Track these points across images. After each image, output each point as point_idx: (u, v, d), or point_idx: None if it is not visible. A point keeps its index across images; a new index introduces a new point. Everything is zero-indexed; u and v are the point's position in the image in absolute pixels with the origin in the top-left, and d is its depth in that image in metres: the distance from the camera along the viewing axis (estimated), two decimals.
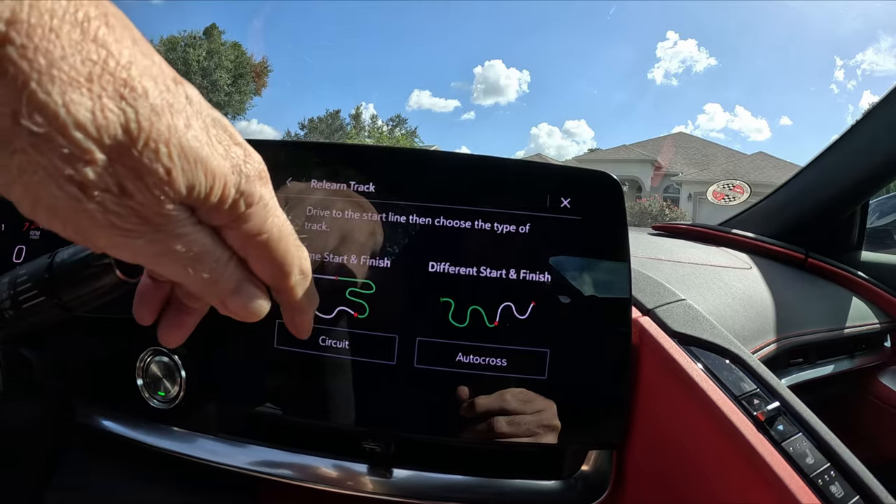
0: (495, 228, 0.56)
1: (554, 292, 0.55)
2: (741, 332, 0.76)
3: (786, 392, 0.55)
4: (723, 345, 0.58)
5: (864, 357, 1.13)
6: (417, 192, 0.57)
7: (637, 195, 24.86)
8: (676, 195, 23.80)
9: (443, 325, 0.56)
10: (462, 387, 0.55)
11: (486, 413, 0.55)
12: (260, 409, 0.60)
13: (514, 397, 0.55)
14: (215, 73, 28.20)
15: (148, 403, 0.65)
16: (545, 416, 0.55)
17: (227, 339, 0.61)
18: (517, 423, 0.55)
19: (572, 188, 0.56)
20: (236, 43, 29.83)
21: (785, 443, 0.50)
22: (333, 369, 0.58)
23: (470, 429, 0.56)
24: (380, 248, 0.57)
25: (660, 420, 0.56)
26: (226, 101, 28.96)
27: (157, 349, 0.65)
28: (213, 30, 28.79)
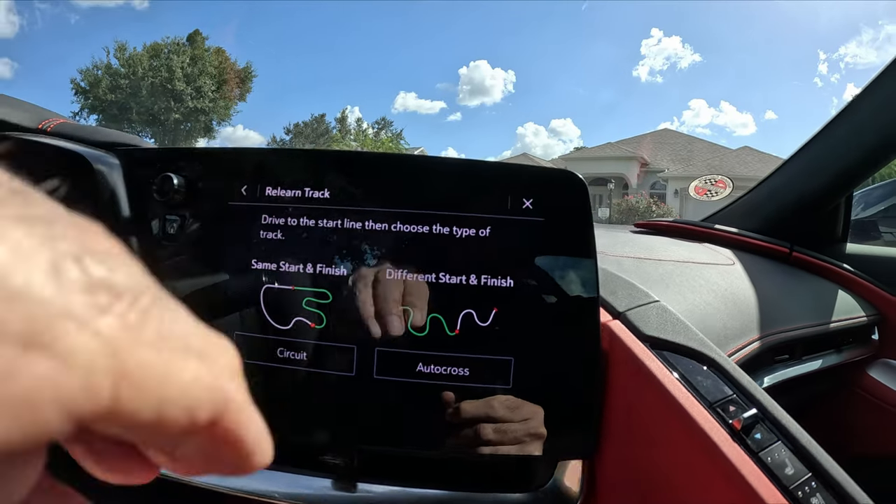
0: (454, 233, 0.53)
1: (517, 298, 0.53)
2: (723, 331, 0.74)
3: (764, 397, 0.53)
4: (697, 348, 0.56)
5: (852, 351, 1.11)
6: (373, 198, 0.55)
7: (624, 192, 24.97)
8: (663, 191, 23.91)
9: (402, 335, 0.53)
10: (447, 392, 0.53)
11: (472, 419, 0.53)
12: None
13: (501, 404, 0.53)
14: (199, 79, 28.10)
15: None
16: (532, 424, 0.53)
17: None
18: (504, 430, 0.53)
19: (535, 188, 0.53)
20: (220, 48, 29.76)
21: (762, 452, 0.47)
22: (292, 381, 0.56)
23: (431, 440, 0.54)
24: (336, 255, 0.55)
25: (632, 429, 0.54)
26: (210, 107, 28.88)
27: None
28: (196, 36, 28.71)
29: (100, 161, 0.62)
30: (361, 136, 30.54)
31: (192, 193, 0.59)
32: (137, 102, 27.21)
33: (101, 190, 0.61)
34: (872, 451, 1.13)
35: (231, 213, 0.58)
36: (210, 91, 28.62)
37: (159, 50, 27.88)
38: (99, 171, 0.61)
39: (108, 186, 0.61)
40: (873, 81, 1.07)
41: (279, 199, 0.56)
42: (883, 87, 1.06)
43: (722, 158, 23.41)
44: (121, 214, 0.61)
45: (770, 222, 1.24)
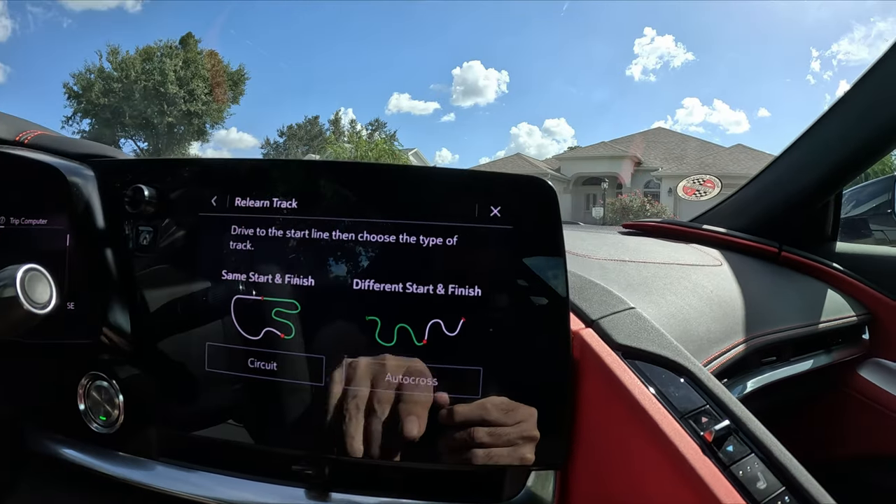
0: (421, 242, 0.53)
1: (485, 307, 0.52)
2: (706, 335, 0.72)
3: (738, 408, 0.52)
4: (671, 357, 0.55)
5: (842, 351, 1.10)
6: (340, 207, 0.55)
7: (618, 191, 25.03)
8: (657, 190, 23.98)
9: (370, 345, 0.53)
10: (441, 394, 0.52)
11: (466, 423, 0.52)
12: (195, 432, 0.60)
13: (495, 407, 0.52)
14: (192, 82, 28.06)
15: (90, 428, 0.67)
16: (526, 427, 0.52)
17: (161, 363, 0.60)
18: (498, 434, 0.52)
19: (502, 196, 0.52)
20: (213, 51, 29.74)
21: (734, 465, 0.46)
22: (263, 391, 0.56)
23: (400, 450, 0.53)
24: (304, 266, 0.55)
25: (604, 440, 0.52)
26: (204, 110, 28.85)
27: (95, 374, 0.66)
28: (188, 39, 28.68)
29: (74, 173, 0.63)
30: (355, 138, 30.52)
31: (164, 205, 0.60)
32: (130, 106, 27.17)
33: (75, 202, 0.61)
34: (864, 451, 1.13)
35: (202, 224, 0.58)
36: (203, 94, 28.58)
37: (152, 53, 27.84)
38: (73, 183, 0.62)
39: (83, 199, 0.62)
40: (862, 78, 1.06)
41: (248, 209, 0.56)
42: (872, 83, 1.06)
43: (715, 157, 23.49)
44: (96, 226, 0.62)
45: (759, 221, 1.23)
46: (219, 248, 0.57)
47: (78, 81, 27.29)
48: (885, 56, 1.01)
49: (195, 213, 0.58)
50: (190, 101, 28.22)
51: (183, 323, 0.59)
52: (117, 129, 27.54)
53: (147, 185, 0.59)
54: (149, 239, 0.60)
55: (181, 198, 0.59)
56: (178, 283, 0.59)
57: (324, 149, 28.80)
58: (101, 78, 27.29)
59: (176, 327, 0.59)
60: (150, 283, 0.60)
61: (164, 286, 0.60)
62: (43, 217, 0.63)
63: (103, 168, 0.65)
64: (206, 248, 0.58)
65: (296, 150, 35.81)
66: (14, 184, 0.64)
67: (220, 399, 0.58)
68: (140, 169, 0.63)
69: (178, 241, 0.59)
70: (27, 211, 0.63)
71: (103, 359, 0.65)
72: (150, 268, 0.60)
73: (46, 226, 0.63)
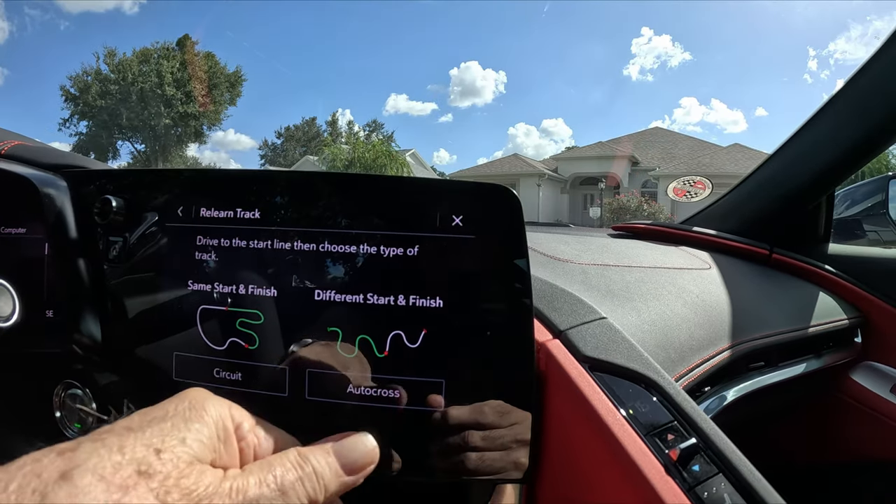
0: (381, 252, 0.51)
1: (447, 318, 0.50)
2: (688, 342, 0.71)
3: (707, 424, 0.49)
4: (639, 370, 0.53)
5: (834, 355, 1.08)
6: (301, 217, 0.54)
7: (615, 191, 25.05)
8: (654, 190, 24.00)
9: (332, 356, 0.51)
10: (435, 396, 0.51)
11: (460, 426, 0.50)
12: None
13: (491, 410, 0.50)
14: (189, 83, 28.06)
15: (66, 435, 0.68)
16: (519, 430, 0.50)
17: (132, 372, 0.60)
18: (492, 437, 0.50)
19: (464, 204, 0.51)
20: (210, 53, 29.76)
21: (699, 487, 0.44)
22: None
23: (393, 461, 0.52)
24: (267, 276, 0.54)
25: (570, 455, 0.51)
26: (201, 111, 28.84)
27: (69, 382, 0.67)
28: (185, 41, 28.70)
29: (47, 184, 0.63)
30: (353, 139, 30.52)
31: (132, 215, 0.59)
32: (127, 108, 27.23)
33: (46, 213, 0.62)
34: (857, 456, 1.11)
35: (169, 235, 0.58)
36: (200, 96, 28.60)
37: (149, 55, 27.90)
38: (46, 193, 0.62)
39: (55, 209, 0.62)
40: (853, 77, 1.06)
41: (213, 220, 0.56)
42: (863, 82, 1.05)
43: (712, 156, 23.54)
44: (69, 236, 0.62)
45: (750, 223, 1.22)
46: (185, 258, 0.56)
47: (75, 84, 27.38)
48: (877, 55, 1.00)
49: (162, 223, 0.58)
50: (187, 102, 28.28)
51: (152, 332, 0.58)
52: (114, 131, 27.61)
53: (115, 195, 0.59)
54: (118, 249, 0.60)
55: (149, 208, 0.59)
56: (147, 292, 0.59)
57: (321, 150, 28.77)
58: (98, 80, 27.36)
59: (145, 337, 0.59)
60: (120, 293, 0.60)
61: (133, 296, 0.60)
62: (22, 226, 0.64)
63: (75, 178, 0.65)
64: (173, 258, 0.57)
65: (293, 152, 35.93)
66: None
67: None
68: (109, 179, 0.63)
69: (146, 252, 0.59)
70: (6, 220, 0.64)
71: (76, 368, 0.66)
72: (121, 277, 0.60)
73: (25, 234, 0.63)
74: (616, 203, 21.07)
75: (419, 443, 0.51)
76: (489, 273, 0.51)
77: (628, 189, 24.53)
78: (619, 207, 20.21)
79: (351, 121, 37.72)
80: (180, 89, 27.99)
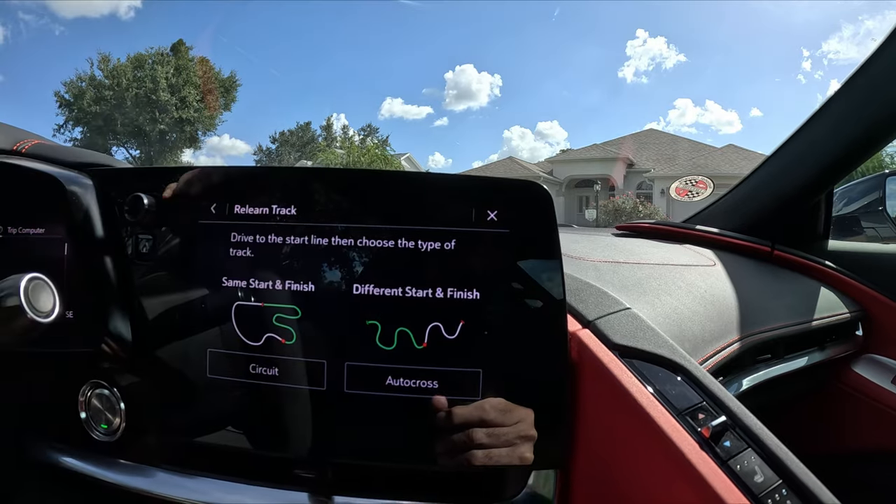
0: (419, 246, 0.54)
1: (483, 310, 0.53)
2: (701, 334, 0.73)
3: (734, 404, 0.52)
4: (667, 356, 0.55)
5: (836, 347, 1.11)
6: (339, 213, 0.56)
7: (610, 193, 25.05)
8: (649, 191, 24.00)
9: (370, 349, 0.54)
10: (439, 397, 0.53)
11: (464, 424, 0.53)
12: (197, 438, 0.60)
13: (493, 408, 0.53)
14: (184, 89, 28.00)
15: (91, 436, 0.67)
16: (523, 427, 0.53)
17: (163, 370, 0.61)
18: (497, 434, 0.53)
19: (499, 200, 0.53)
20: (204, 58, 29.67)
21: (732, 460, 0.47)
22: (265, 397, 0.57)
23: (403, 453, 0.55)
24: (304, 272, 0.55)
25: (603, 439, 0.53)
26: (196, 117, 28.79)
27: (96, 382, 0.66)
28: (180, 46, 28.63)
29: (73, 182, 0.63)
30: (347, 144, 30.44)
31: (163, 213, 0.60)
32: (122, 114, 27.10)
33: (73, 211, 0.62)
34: (859, 447, 1.14)
35: (201, 232, 0.59)
36: (195, 101, 28.51)
37: (143, 61, 27.76)
38: (72, 192, 0.62)
39: (82, 208, 0.62)
40: (850, 78, 1.08)
41: (247, 216, 0.57)
42: (859, 82, 1.07)
43: (707, 157, 23.56)
44: (94, 235, 0.62)
45: (751, 221, 1.24)
46: (219, 255, 0.57)
47: (69, 89, 27.20)
48: (873, 56, 1.03)
49: (194, 220, 0.59)
50: (182, 108, 28.15)
51: (184, 330, 0.59)
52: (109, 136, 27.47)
53: (146, 193, 0.60)
54: (148, 247, 0.60)
55: (180, 206, 0.60)
56: (179, 290, 0.60)
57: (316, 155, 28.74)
58: (92, 86, 27.20)
59: (177, 334, 0.59)
60: (150, 291, 0.61)
61: (164, 294, 0.60)
62: (40, 226, 0.63)
63: (102, 177, 0.65)
64: (205, 255, 0.58)
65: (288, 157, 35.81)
66: (12, 193, 0.65)
67: (222, 405, 0.59)
68: (139, 177, 0.63)
69: (177, 249, 0.60)
70: (25, 220, 0.64)
71: (104, 367, 0.65)
72: (150, 275, 0.61)
73: (44, 235, 0.63)
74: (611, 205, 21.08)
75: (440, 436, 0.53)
76: (523, 265, 0.53)
77: (623, 191, 24.53)
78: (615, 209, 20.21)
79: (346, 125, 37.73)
80: (175, 95, 27.87)
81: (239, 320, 0.57)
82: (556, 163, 28.25)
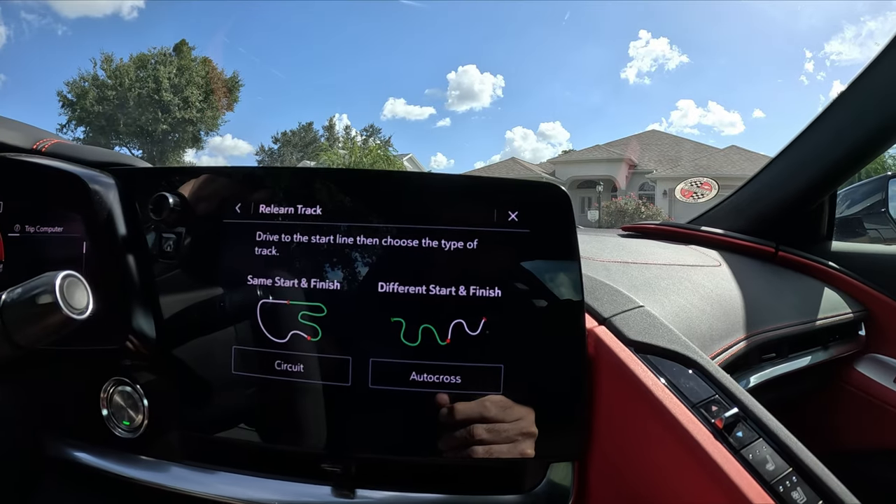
0: (443, 246, 0.55)
1: (505, 307, 0.55)
2: (709, 332, 0.75)
3: (745, 397, 0.55)
4: (680, 351, 0.57)
5: (839, 347, 1.12)
6: (364, 213, 0.57)
7: (612, 194, 25.01)
8: (652, 192, 23.95)
9: (395, 345, 0.55)
10: (441, 394, 0.55)
11: (465, 421, 0.55)
12: (222, 434, 0.61)
13: (493, 405, 0.55)
14: (186, 89, 27.95)
15: (114, 433, 0.67)
16: (524, 424, 0.55)
17: (187, 367, 0.61)
18: (497, 430, 0.54)
19: (519, 201, 0.55)
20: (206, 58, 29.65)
21: (744, 449, 0.49)
22: (290, 393, 0.58)
23: (426, 447, 0.56)
24: (329, 270, 0.57)
25: (619, 431, 0.55)
26: (198, 117, 28.72)
27: (119, 379, 0.67)
28: (182, 46, 28.58)
29: (95, 181, 0.63)
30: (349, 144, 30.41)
31: (187, 211, 0.61)
32: (125, 114, 27.05)
33: (97, 210, 0.62)
34: (862, 445, 1.15)
35: (226, 231, 0.60)
36: (197, 101, 28.47)
37: (146, 61, 27.72)
38: (95, 191, 0.62)
39: (105, 206, 0.62)
40: (854, 81, 1.09)
41: (273, 216, 0.58)
42: (863, 86, 1.08)
43: (709, 158, 23.52)
44: (117, 233, 0.62)
45: (756, 222, 1.25)
46: (244, 253, 0.58)
47: (72, 89, 27.15)
48: (877, 60, 1.04)
49: (219, 219, 0.60)
50: (184, 108, 28.09)
51: (209, 327, 0.60)
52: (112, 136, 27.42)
53: (170, 192, 0.60)
54: (172, 245, 0.61)
55: (205, 205, 0.61)
56: (203, 288, 0.60)
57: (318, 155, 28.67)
58: (95, 86, 27.15)
59: (202, 332, 0.60)
60: (174, 289, 0.61)
61: (188, 291, 0.61)
62: (59, 225, 0.64)
63: (125, 176, 0.66)
64: (230, 253, 0.59)
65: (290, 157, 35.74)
66: (31, 192, 0.66)
67: (246, 401, 0.60)
68: (162, 176, 0.64)
69: (202, 247, 0.61)
70: (43, 219, 0.64)
71: (126, 364, 0.66)
72: (175, 273, 0.61)
73: (62, 234, 0.64)
74: (614, 206, 21.05)
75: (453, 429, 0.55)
76: (543, 264, 0.55)
77: (626, 192, 24.49)
78: (617, 210, 20.19)
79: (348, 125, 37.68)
80: (177, 95, 27.85)
81: (264, 318, 0.58)
82: (559, 164, 28.20)
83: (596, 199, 25.00)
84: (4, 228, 0.66)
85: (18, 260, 0.65)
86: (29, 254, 0.65)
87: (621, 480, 0.55)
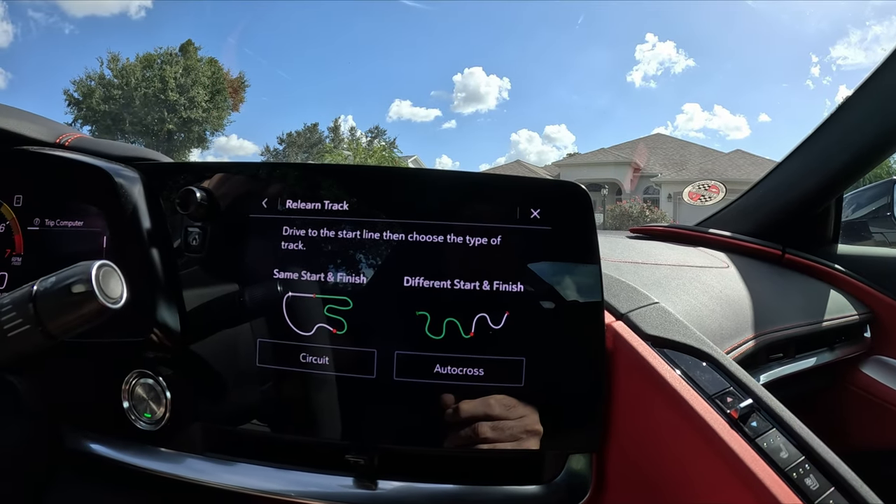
0: (467, 242, 0.57)
1: (527, 301, 0.56)
2: (718, 331, 0.77)
3: (759, 389, 0.56)
4: (695, 345, 0.59)
5: (845, 348, 1.14)
6: (390, 209, 0.58)
7: (617, 197, 24.95)
8: (656, 196, 23.88)
9: (420, 338, 0.57)
10: (446, 394, 0.57)
11: (470, 418, 0.56)
12: (245, 426, 0.62)
13: (497, 402, 0.56)
14: (192, 89, 27.97)
15: (135, 425, 0.67)
16: (528, 421, 0.57)
17: (210, 359, 0.62)
18: (501, 428, 0.56)
19: (542, 199, 0.57)
20: (212, 59, 29.64)
21: (759, 438, 0.51)
22: (315, 385, 0.59)
23: (450, 438, 0.57)
24: (356, 264, 0.58)
25: (637, 422, 0.57)
26: (204, 117, 28.73)
27: (142, 371, 0.66)
28: (188, 46, 28.59)
29: (120, 175, 0.64)
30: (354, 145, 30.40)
31: (214, 206, 0.62)
32: (130, 113, 27.08)
33: (122, 203, 0.63)
34: (866, 446, 1.16)
35: (252, 225, 0.61)
36: (203, 101, 28.50)
37: (152, 60, 27.75)
38: (120, 185, 0.63)
39: (130, 200, 0.63)
40: (861, 86, 1.10)
41: (300, 211, 0.60)
42: (870, 91, 1.10)
43: (715, 162, 23.47)
44: (142, 227, 0.63)
45: (762, 225, 1.27)
46: (270, 248, 0.60)
47: (78, 88, 27.18)
48: (884, 64, 1.05)
49: (245, 214, 0.61)
50: (190, 108, 28.11)
51: (234, 320, 0.61)
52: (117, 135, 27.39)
53: (197, 187, 0.61)
54: (198, 239, 0.62)
55: (231, 200, 0.62)
56: (229, 281, 0.62)
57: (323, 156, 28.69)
58: (101, 85, 27.18)
59: (227, 324, 0.61)
60: (199, 283, 0.63)
61: (214, 285, 0.62)
62: (79, 219, 0.65)
63: (151, 171, 0.67)
64: (257, 247, 0.61)
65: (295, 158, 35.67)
66: (54, 185, 0.67)
67: (270, 394, 0.61)
68: (189, 172, 0.65)
69: (228, 242, 0.62)
70: (63, 213, 0.65)
71: (149, 357, 0.66)
72: (200, 267, 0.63)
73: (82, 228, 0.65)
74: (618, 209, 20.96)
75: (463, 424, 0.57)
76: (564, 261, 0.57)
77: (630, 195, 24.43)
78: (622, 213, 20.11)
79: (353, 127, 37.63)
80: (183, 95, 27.89)
81: (290, 311, 0.59)
82: (564, 167, 28.11)
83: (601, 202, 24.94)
84: (24, 222, 0.67)
85: (37, 253, 0.66)
86: (48, 247, 0.65)
87: (638, 470, 0.57)
